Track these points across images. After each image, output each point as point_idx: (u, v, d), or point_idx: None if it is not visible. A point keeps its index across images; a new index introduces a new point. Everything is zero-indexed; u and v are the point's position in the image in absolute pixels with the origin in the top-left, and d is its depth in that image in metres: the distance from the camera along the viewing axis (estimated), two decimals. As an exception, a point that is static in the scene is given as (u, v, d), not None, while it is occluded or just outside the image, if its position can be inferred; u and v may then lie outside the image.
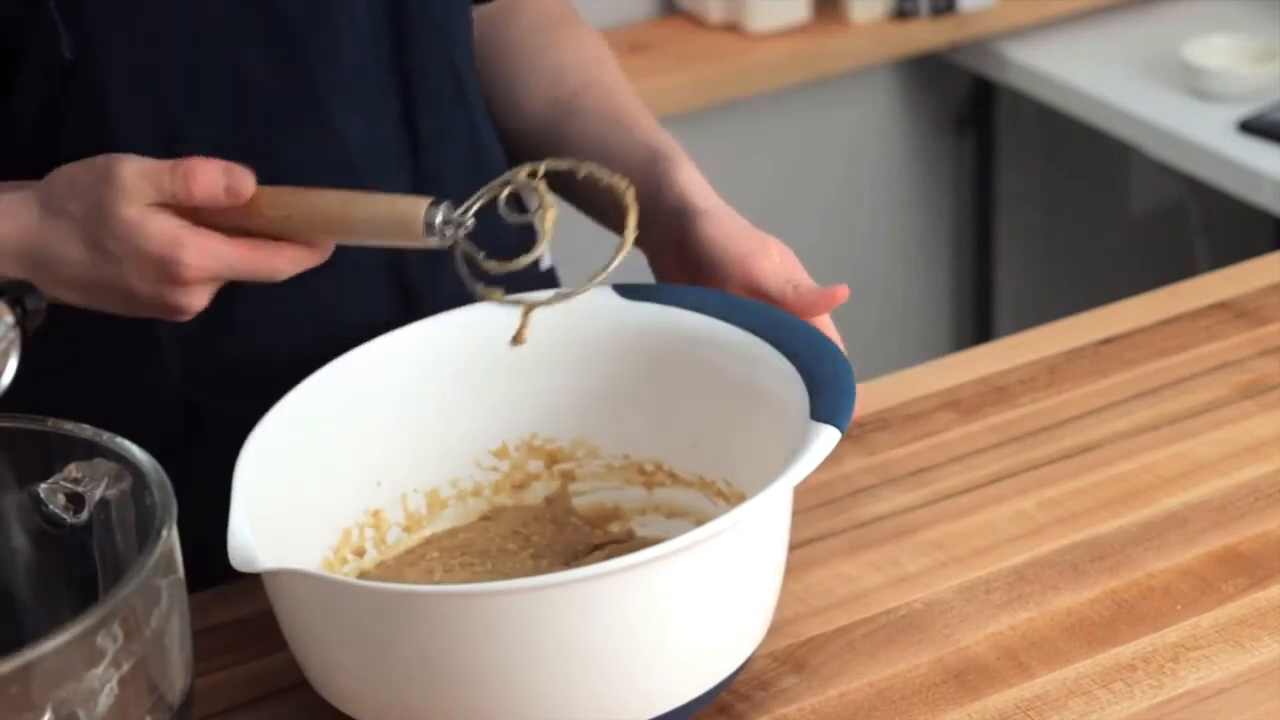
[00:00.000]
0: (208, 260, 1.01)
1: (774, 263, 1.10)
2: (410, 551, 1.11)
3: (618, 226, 1.09)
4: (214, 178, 1.01)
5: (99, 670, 0.81)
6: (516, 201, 1.14)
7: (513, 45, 1.28)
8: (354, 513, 1.08)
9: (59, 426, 0.94)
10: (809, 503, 1.15)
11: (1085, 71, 2.65)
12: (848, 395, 0.99)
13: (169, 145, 1.07)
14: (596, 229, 1.22)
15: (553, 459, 1.13)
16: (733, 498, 1.08)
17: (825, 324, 1.09)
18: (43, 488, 0.93)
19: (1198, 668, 1.01)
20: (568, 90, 1.25)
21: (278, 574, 0.92)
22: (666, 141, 1.19)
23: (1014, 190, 2.99)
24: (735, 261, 1.10)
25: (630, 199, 1.07)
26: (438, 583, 1.07)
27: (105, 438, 0.92)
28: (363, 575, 1.08)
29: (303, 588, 0.93)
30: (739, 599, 0.97)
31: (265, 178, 1.04)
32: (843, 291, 1.08)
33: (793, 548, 1.06)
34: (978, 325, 3.04)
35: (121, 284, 1.02)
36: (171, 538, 0.86)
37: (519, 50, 1.28)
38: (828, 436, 0.96)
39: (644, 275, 1.17)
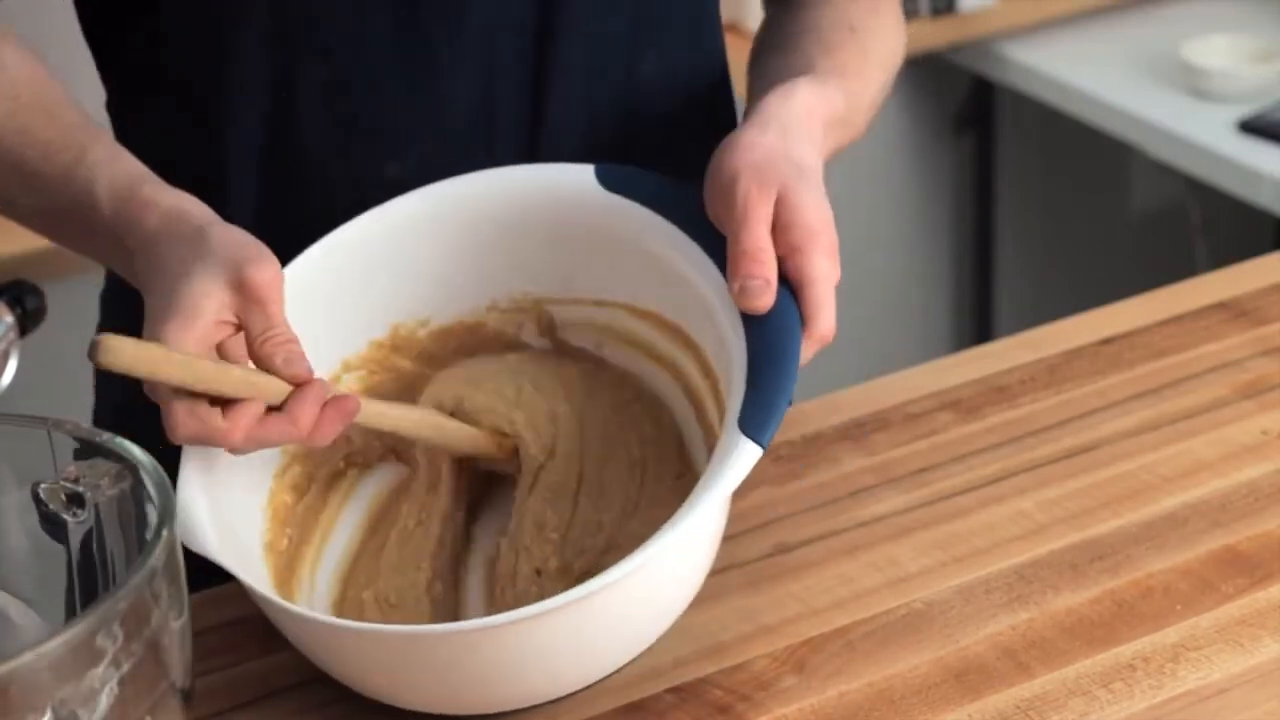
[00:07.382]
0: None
1: (759, 235, 0.98)
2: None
3: None
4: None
5: (99, 670, 0.81)
6: None
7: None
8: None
9: (59, 426, 0.93)
10: (809, 503, 1.15)
11: (1085, 71, 2.66)
12: (777, 410, 0.95)
13: (279, 81, 1.09)
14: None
15: (538, 304, 1.12)
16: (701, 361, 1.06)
17: (821, 294, 0.98)
18: (43, 488, 0.93)
19: (1198, 668, 1.01)
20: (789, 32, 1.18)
21: (286, 611, 0.94)
22: (820, 68, 1.11)
23: (1014, 190, 2.99)
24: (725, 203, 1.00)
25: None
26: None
27: (105, 438, 0.92)
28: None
29: (306, 628, 0.95)
30: (659, 612, 0.98)
31: (366, 130, 1.06)
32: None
33: (793, 548, 1.05)
34: (978, 325, 3.04)
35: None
36: (171, 537, 0.86)
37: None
38: (749, 452, 0.93)
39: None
